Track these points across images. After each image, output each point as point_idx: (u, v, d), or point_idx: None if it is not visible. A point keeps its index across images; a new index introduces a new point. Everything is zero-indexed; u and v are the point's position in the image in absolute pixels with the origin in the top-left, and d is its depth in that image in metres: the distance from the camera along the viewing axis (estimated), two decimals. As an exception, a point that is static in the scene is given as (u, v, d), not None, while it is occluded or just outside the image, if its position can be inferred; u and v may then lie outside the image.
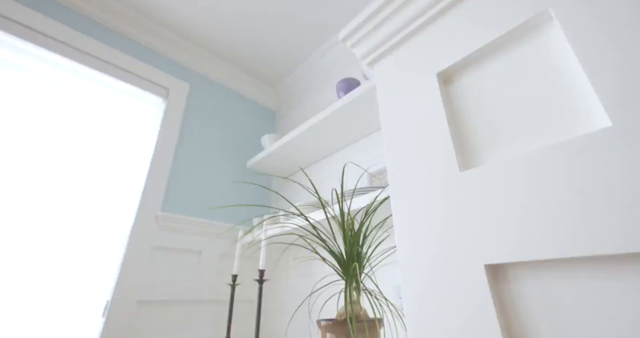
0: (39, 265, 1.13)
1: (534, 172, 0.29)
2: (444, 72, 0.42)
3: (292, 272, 1.57)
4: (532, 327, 0.27)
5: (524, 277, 0.28)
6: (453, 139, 0.37)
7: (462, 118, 0.38)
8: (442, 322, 0.31)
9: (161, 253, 1.41)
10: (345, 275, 0.81)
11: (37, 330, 1.07)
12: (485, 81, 0.38)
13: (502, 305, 0.29)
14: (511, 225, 0.29)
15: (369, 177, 1.36)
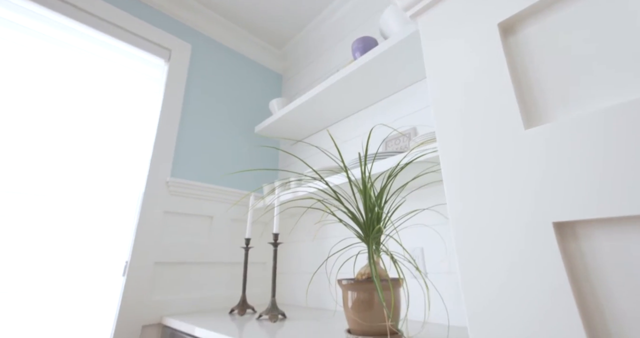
0: (64, 230, 1.15)
1: (613, 127, 0.27)
2: (505, 23, 0.38)
3: (305, 236, 1.61)
4: (604, 284, 0.27)
5: (595, 234, 0.28)
6: (517, 96, 0.35)
7: (527, 73, 0.36)
8: (503, 281, 0.31)
9: (173, 217, 1.43)
10: (366, 238, 0.83)
11: (64, 289, 1.11)
12: (555, 32, 0.35)
13: (571, 262, 0.28)
14: (584, 182, 0.28)
15: (383, 142, 1.34)
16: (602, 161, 0.27)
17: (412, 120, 1.26)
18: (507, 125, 0.34)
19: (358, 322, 0.72)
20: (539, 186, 0.30)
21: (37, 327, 1.04)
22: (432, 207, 1.01)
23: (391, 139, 1.32)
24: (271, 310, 1.13)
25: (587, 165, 0.28)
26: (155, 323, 1.26)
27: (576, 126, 0.29)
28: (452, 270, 0.95)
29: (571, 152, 0.29)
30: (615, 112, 0.28)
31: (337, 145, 0.99)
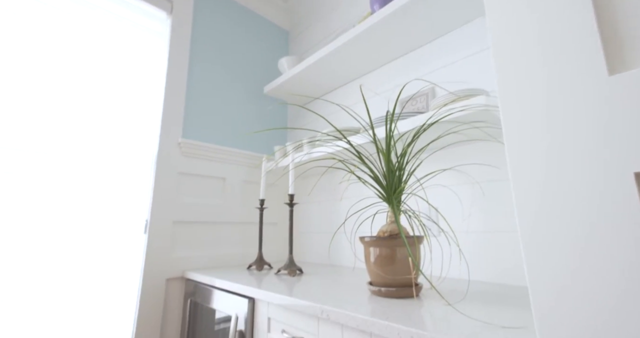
0: (88, 191, 1.16)
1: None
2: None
3: (316, 197, 1.64)
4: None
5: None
6: (602, 38, 0.32)
7: (614, 13, 0.33)
8: (575, 238, 0.31)
9: (187, 178, 1.45)
10: (388, 198, 0.84)
11: (93, 248, 1.16)
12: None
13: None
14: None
15: (401, 102, 1.31)
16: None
17: (430, 79, 1.21)
18: (587, 70, 0.32)
19: (381, 275, 0.76)
20: (619, 135, 0.29)
21: (69, 283, 1.10)
22: (455, 167, 1.01)
23: (405, 100, 1.29)
24: (289, 266, 1.18)
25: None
26: (178, 276, 1.33)
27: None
28: (469, 229, 0.97)
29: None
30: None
31: (348, 106, 0.95)
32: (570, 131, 0.32)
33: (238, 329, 0.93)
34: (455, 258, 0.98)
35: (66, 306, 1.08)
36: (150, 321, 1.22)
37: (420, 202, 1.11)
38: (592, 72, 0.31)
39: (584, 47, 0.32)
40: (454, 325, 0.51)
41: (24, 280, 1.02)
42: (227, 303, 1.02)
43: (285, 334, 0.79)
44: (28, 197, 1.06)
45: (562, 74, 0.33)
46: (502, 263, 0.90)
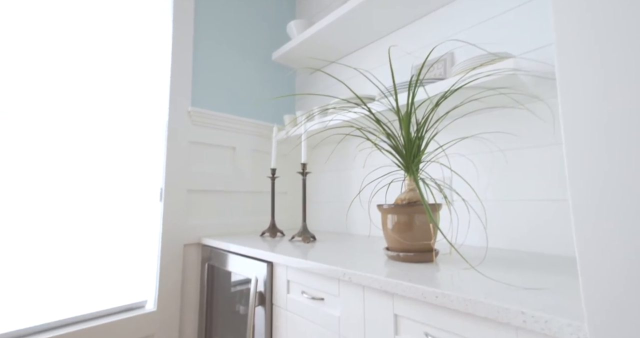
0: (103, 160, 1.16)
1: None
2: None
3: (326, 166, 1.64)
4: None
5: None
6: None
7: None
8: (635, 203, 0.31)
9: (198, 148, 1.44)
10: (407, 166, 0.84)
11: (114, 213, 1.19)
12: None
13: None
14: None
15: (416, 68, 1.26)
16: None
17: (448, 44, 1.16)
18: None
19: (399, 241, 0.78)
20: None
21: (94, 249, 1.14)
22: (474, 135, 1.00)
23: (422, 66, 1.24)
24: (303, 233, 1.22)
25: None
26: (195, 242, 1.37)
27: None
28: (487, 197, 0.98)
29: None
30: None
31: (368, 70, 0.92)
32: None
33: (258, 291, 0.97)
34: (472, 225, 1.00)
35: (93, 271, 1.13)
36: (171, 283, 1.28)
37: (438, 170, 1.11)
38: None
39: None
40: (476, 286, 0.53)
41: (51, 246, 1.06)
42: (245, 267, 1.06)
43: (305, 295, 0.83)
44: (52, 167, 1.07)
45: (633, 22, 0.31)
46: (518, 231, 0.92)
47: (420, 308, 0.57)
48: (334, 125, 1.24)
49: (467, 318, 0.50)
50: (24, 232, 1.02)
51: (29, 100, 1.06)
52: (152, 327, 1.21)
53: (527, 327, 0.41)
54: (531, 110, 0.90)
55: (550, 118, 0.87)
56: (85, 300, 1.11)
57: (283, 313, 0.90)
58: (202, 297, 1.32)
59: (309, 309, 0.82)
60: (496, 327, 0.47)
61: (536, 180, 0.90)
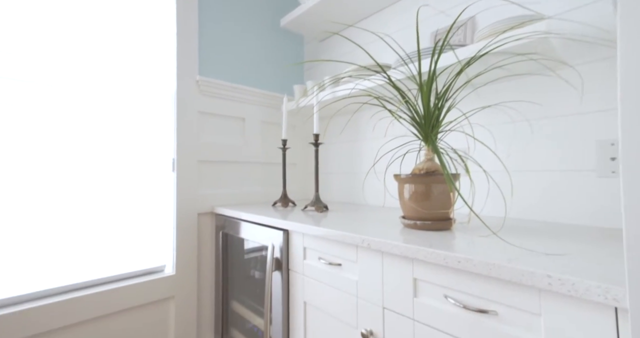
0: (119, 132, 1.16)
1: None
2: None
3: (336, 138, 1.62)
4: None
5: None
6: None
7: None
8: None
9: (208, 118, 1.43)
10: (425, 137, 0.82)
11: (130, 184, 1.20)
12: None
13: None
14: None
15: (432, 35, 1.21)
16: None
17: (468, 9, 1.09)
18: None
19: (417, 210, 0.79)
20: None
21: (113, 218, 1.17)
22: (502, 103, 0.97)
23: (442, 32, 1.18)
24: (316, 203, 1.23)
25: None
26: (208, 212, 1.40)
27: None
28: (505, 168, 0.97)
29: None
30: None
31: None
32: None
33: (274, 257, 1.00)
34: (490, 196, 1.00)
35: (115, 238, 1.17)
36: (188, 250, 1.32)
37: (456, 140, 1.09)
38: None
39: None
40: (495, 252, 0.54)
41: (74, 210, 1.09)
42: (261, 235, 1.09)
43: (322, 261, 0.86)
44: (73, 139, 1.07)
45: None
46: (537, 201, 0.93)
47: (441, 272, 0.59)
48: (347, 94, 1.21)
49: (489, 281, 0.52)
50: (50, 203, 1.04)
51: (40, 69, 1.03)
52: (172, 289, 1.27)
53: (552, 289, 0.42)
54: (562, 77, 0.87)
55: (578, 85, 0.84)
56: (109, 264, 1.16)
57: (300, 278, 0.94)
58: (218, 262, 1.37)
59: (326, 274, 0.85)
60: (519, 289, 0.48)
61: (557, 150, 0.89)
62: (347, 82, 1.24)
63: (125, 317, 1.16)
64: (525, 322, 0.48)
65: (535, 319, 0.47)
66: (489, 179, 0.97)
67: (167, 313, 1.27)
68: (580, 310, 0.42)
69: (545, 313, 0.45)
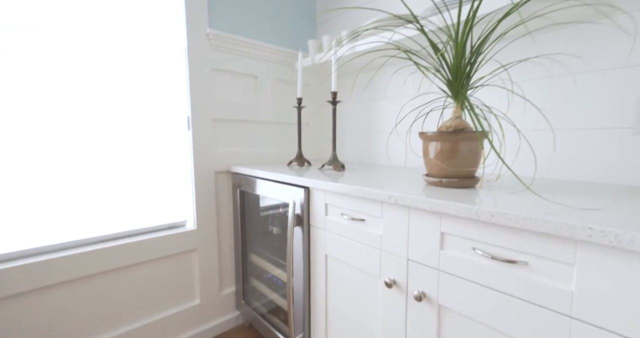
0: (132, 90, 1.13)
1: None
2: None
3: (350, 97, 1.58)
4: None
5: None
6: None
7: None
8: None
9: (220, 75, 1.38)
10: (455, 93, 0.79)
11: (149, 143, 1.20)
12: None
13: None
14: None
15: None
16: None
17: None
18: None
19: (443, 168, 0.79)
20: None
21: (137, 177, 1.18)
22: (542, 56, 0.92)
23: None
24: (333, 162, 1.23)
25: None
26: (224, 170, 1.41)
27: None
28: (538, 127, 0.95)
29: None
30: None
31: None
32: None
33: (295, 213, 1.03)
34: (520, 155, 0.99)
35: (138, 195, 1.20)
36: (207, 206, 1.36)
37: (484, 97, 1.06)
38: None
39: None
40: (532, 207, 0.55)
41: (97, 168, 1.10)
42: (281, 193, 1.11)
43: (344, 216, 0.88)
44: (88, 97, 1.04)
45: None
46: (568, 160, 0.92)
47: (470, 226, 0.60)
48: (370, 49, 1.14)
49: (521, 234, 0.53)
50: (77, 163, 1.05)
51: (49, 20, 0.97)
52: (194, 242, 1.33)
53: (592, 241, 0.43)
54: (616, 23, 0.81)
55: (633, 31, 0.78)
56: (135, 219, 1.20)
57: (321, 233, 0.97)
58: (236, 218, 1.41)
59: (348, 229, 0.88)
60: (553, 241, 0.49)
61: (592, 106, 0.86)
62: (368, 35, 1.17)
63: (154, 266, 1.23)
64: (557, 271, 0.50)
65: (568, 269, 0.48)
66: (520, 137, 0.95)
67: (191, 264, 1.34)
68: (618, 261, 0.43)
69: (579, 264, 0.47)
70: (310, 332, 1.06)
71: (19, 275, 0.94)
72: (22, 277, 0.94)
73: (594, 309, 0.46)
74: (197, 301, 1.36)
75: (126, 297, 1.17)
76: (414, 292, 0.70)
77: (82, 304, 1.07)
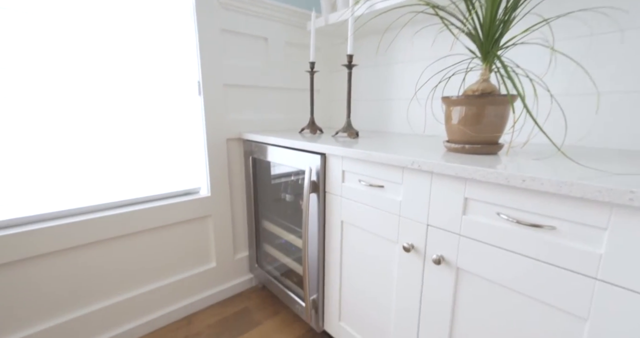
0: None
1: None
2: None
3: (366, 61, 1.51)
4: None
5: None
6: None
7: None
8: None
9: (229, 37, 1.31)
10: (485, 54, 0.75)
11: (160, 109, 1.17)
12: None
13: None
14: None
15: None
16: None
17: None
18: None
19: (467, 133, 0.76)
20: None
21: (150, 144, 1.17)
22: (583, 9, 0.86)
23: None
24: (347, 129, 1.21)
25: None
26: (236, 137, 1.40)
27: None
28: (571, 91, 0.91)
29: None
30: None
31: None
32: None
33: (311, 180, 1.03)
34: (549, 120, 0.96)
35: (151, 162, 1.19)
36: (220, 173, 1.36)
37: (514, 57, 1.00)
38: None
39: None
40: (564, 172, 0.54)
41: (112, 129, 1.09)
42: (296, 159, 1.10)
43: (362, 183, 0.88)
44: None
45: None
46: (596, 126, 0.89)
47: (495, 191, 0.60)
48: (390, 6, 1.07)
49: (550, 199, 0.52)
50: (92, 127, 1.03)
51: None
52: (208, 209, 1.35)
53: (632, 205, 0.42)
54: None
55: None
56: (150, 186, 1.21)
57: (337, 199, 0.97)
58: (249, 185, 1.42)
59: (366, 195, 0.88)
60: (586, 206, 0.49)
61: (628, 66, 0.81)
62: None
63: (172, 231, 1.26)
64: (586, 235, 0.50)
65: (599, 233, 0.48)
66: (552, 101, 0.91)
67: (207, 230, 1.38)
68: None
69: (612, 228, 0.46)
70: (324, 292, 1.10)
71: (49, 236, 0.96)
72: (51, 237, 0.97)
73: (622, 271, 0.46)
74: (213, 264, 1.42)
75: (149, 259, 1.21)
76: (433, 255, 0.71)
77: (106, 265, 1.11)
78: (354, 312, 1.00)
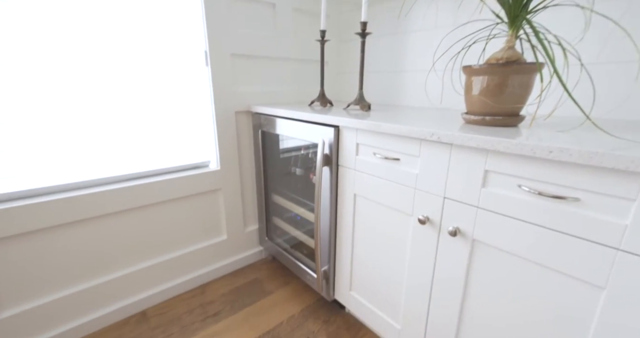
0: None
1: None
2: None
3: (376, 31, 1.44)
4: None
5: None
6: None
7: None
8: None
9: (236, 3, 1.25)
10: (512, 19, 0.71)
11: (163, 77, 1.14)
12: None
13: None
14: None
15: None
16: None
17: None
18: None
19: (487, 104, 0.74)
20: None
21: (157, 117, 1.15)
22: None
23: None
24: (360, 101, 1.18)
25: None
26: (245, 110, 1.37)
27: None
28: (601, 60, 0.87)
29: None
30: None
31: None
32: None
33: (324, 153, 1.02)
34: (575, 91, 0.93)
35: (160, 136, 1.18)
36: (229, 147, 1.35)
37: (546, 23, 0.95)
38: None
39: None
40: (596, 142, 0.52)
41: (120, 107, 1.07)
42: (308, 132, 1.08)
43: (377, 156, 0.87)
44: (82, 15, 0.96)
45: None
46: (624, 97, 0.86)
47: (517, 163, 0.59)
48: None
49: (576, 170, 0.51)
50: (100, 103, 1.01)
51: None
52: (218, 182, 1.35)
53: (668, 174, 0.41)
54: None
55: None
56: (159, 160, 1.21)
57: (350, 173, 0.97)
58: (258, 159, 1.42)
59: (380, 168, 0.87)
60: (614, 177, 0.48)
61: (657, 39, 0.77)
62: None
63: (183, 204, 1.27)
64: (612, 206, 0.49)
65: (626, 204, 0.48)
66: (582, 70, 0.88)
67: (217, 203, 1.39)
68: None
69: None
70: (335, 263, 1.13)
71: (61, 208, 0.98)
72: (64, 209, 0.98)
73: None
74: (224, 236, 1.44)
75: (162, 231, 1.24)
76: (449, 227, 0.72)
77: (120, 237, 1.14)
78: (365, 282, 1.03)
